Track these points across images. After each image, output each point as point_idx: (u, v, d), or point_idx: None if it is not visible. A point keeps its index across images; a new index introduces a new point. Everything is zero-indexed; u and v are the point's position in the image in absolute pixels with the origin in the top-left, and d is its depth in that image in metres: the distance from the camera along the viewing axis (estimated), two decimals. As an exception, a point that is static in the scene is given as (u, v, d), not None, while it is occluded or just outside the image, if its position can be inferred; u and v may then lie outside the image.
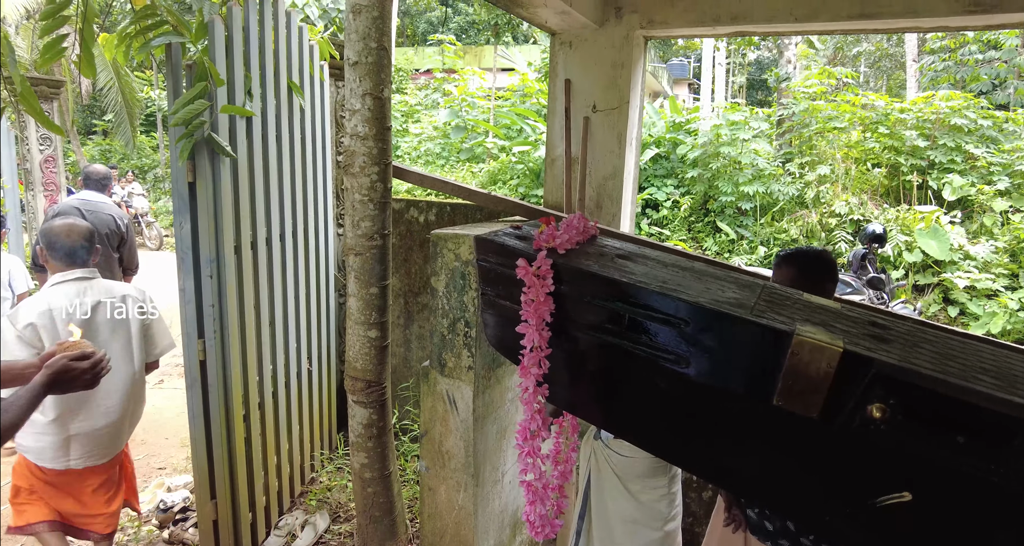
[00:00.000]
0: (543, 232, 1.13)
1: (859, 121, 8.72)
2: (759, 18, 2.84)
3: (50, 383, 1.61)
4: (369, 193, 2.53)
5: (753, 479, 1.16)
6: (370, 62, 2.45)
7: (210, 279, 2.49)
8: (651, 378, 1.09)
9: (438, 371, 2.40)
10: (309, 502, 3.23)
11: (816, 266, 1.79)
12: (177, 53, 2.43)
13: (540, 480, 1.21)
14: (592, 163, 3.11)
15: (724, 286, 1.12)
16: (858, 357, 0.93)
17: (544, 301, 1.06)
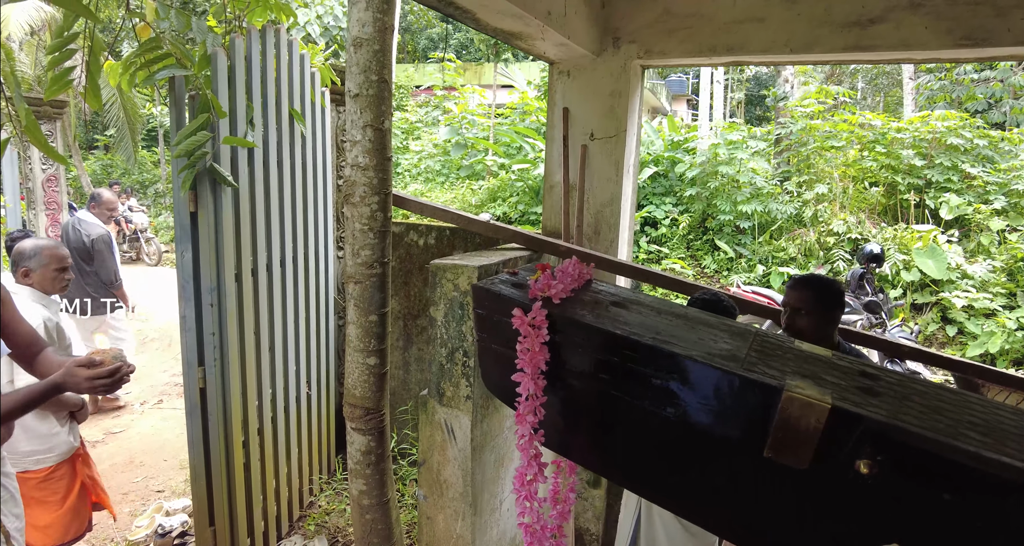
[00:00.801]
0: (538, 281, 1.15)
1: (856, 140, 8.78)
2: (755, 49, 2.88)
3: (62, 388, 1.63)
4: (369, 222, 2.56)
5: (743, 526, 1.17)
6: (371, 95, 2.48)
7: (211, 307, 2.51)
8: (645, 427, 1.11)
9: (436, 400, 2.41)
10: (307, 527, 3.22)
11: (831, 293, 1.95)
12: (180, 85, 2.47)
13: (538, 522, 1.22)
14: (590, 190, 3.15)
15: (717, 335, 1.14)
16: (847, 413, 0.95)
17: (539, 351, 1.08)
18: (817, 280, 2.00)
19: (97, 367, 1.62)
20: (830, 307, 1.94)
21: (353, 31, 2.47)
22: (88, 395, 2.81)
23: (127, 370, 1.67)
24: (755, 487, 1.09)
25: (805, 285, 1.97)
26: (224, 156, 2.57)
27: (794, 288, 1.97)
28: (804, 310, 1.92)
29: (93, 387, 1.60)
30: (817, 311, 1.92)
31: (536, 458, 1.19)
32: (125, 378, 1.67)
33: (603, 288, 1.26)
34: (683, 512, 1.23)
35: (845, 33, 2.75)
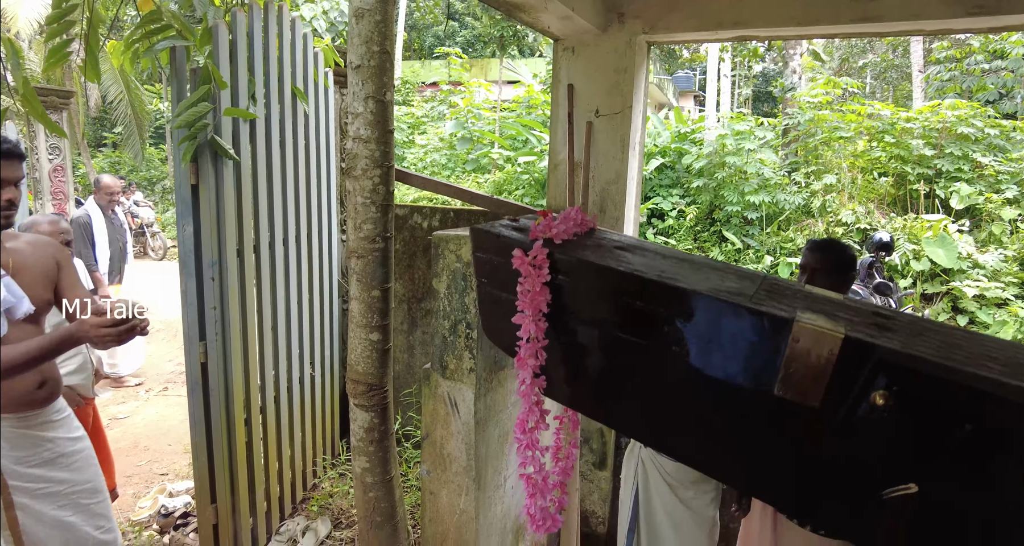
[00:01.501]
0: (540, 223, 1.12)
1: (865, 130, 8.70)
2: (760, 22, 2.84)
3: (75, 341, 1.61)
4: (371, 196, 2.53)
5: (750, 471, 1.13)
6: (372, 65, 2.46)
7: (212, 281, 2.49)
8: (650, 369, 1.08)
9: (439, 373, 2.38)
10: (311, 508, 3.20)
11: (848, 256, 2.01)
12: (181, 57, 2.45)
13: (540, 473, 1.19)
14: (595, 168, 3.11)
15: (724, 276, 1.11)
16: (860, 344, 0.91)
17: (540, 291, 1.05)
18: (835, 243, 2.06)
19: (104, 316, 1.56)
20: (847, 269, 1.99)
21: (355, 2, 2.45)
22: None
23: (137, 323, 1.60)
24: (764, 431, 1.06)
25: (824, 247, 2.02)
26: (226, 131, 2.55)
27: (812, 250, 2.01)
28: (822, 271, 1.95)
29: (101, 337, 1.55)
30: (835, 272, 1.95)
31: (538, 404, 1.16)
32: (136, 331, 1.60)
33: (607, 234, 1.23)
34: (688, 460, 1.20)
35: (853, 5, 2.70)
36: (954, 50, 10.58)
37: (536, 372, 1.13)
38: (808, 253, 2.02)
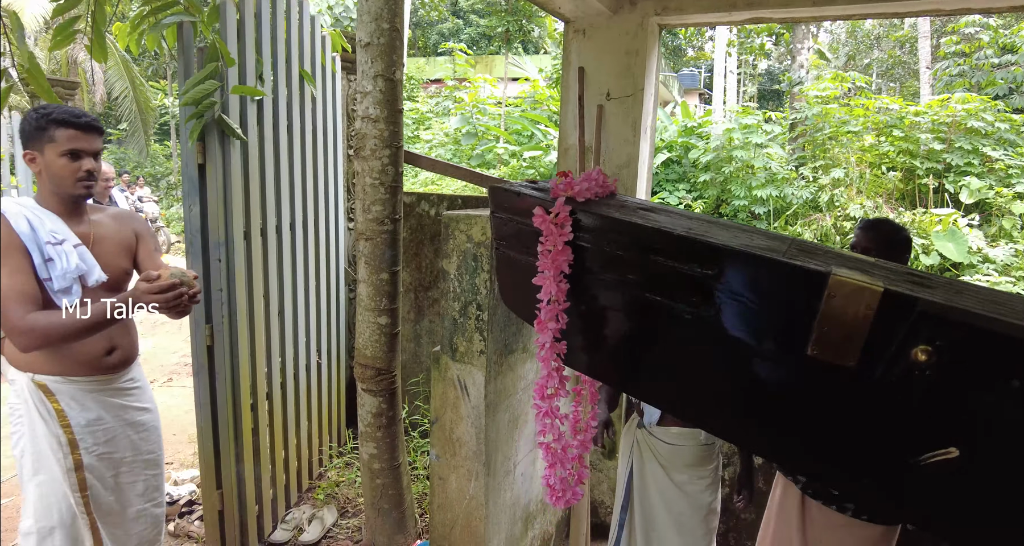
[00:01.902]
0: (561, 182, 1.08)
1: (873, 125, 8.64)
2: (775, 3, 2.79)
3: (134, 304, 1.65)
4: (380, 176, 2.50)
5: (780, 440, 1.09)
6: (382, 43, 2.42)
7: (219, 262, 2.46)
8: (678, 331, 1.04)
9: (449, 356, 2.34)
10: (317, 496, 3.17)
11: (902, 237, 1.90)
12: (188, 34, 2.42)
13: (559, 442, 1.15)
14: (606, 151, 3.07)
15: (752, 236, 1.07)
16: (901, 297, 0.87)
17: (562, 250, 1.01)
18: (889, 223, 1.97)
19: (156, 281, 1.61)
20: (900, 250, 1.90)
21: (364, -22, 2.42)
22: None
23: (187, 290, 1.65)
24: (798, 394, 1.02)
25: (876, 226, 1.95)
26: (233, 111, 2.52)
27: (865, 229, 1.94)
28: (875, 250, 1.87)
29: (152, 303, 1.61)
30: (889, 252, 1.87)
31: (558, 370, 1.12)
32: (185, 297, 1.65)
33: (628, 198, 1.19)
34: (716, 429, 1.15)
35: (871, -16, 2.65)
36: (963, 45, 10.49)
37: (556, 336, 1.09)
38: (860, 232, 1.95)
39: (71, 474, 1.82)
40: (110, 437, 1.88)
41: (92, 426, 1.84)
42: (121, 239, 1.95)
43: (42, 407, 1.78)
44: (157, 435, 2.05)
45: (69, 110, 1.79)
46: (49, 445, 1.79)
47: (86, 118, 1.81)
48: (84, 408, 1.83)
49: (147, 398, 2.02)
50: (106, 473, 1.89)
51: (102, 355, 1.84)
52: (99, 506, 1.88)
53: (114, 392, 1.89)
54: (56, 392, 1.78)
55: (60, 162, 1.76)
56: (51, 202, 1.82)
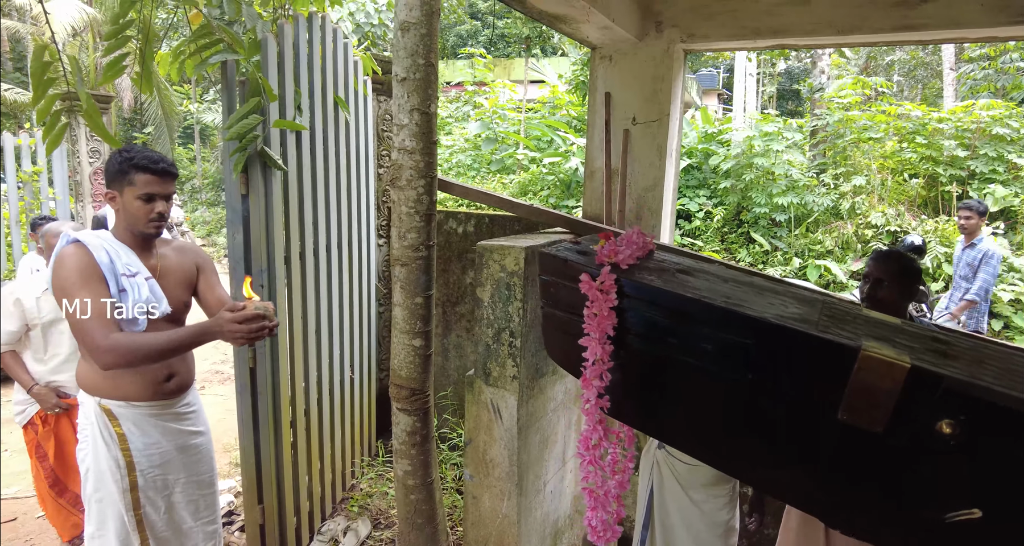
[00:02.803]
0: (604, 247, 1.16)
1: (895, 131, 8.59)
2: (799, 31, 2.84)
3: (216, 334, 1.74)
4: (415, 205, 2.59)
5: (810, 491, 1.16)
6: (418, 78, 2.51)
7: (261, 288, 2.56)
8: (712, 391, 1.12)
9: (483, 380, 2.44)
10: (350, 508, 3.28)
11: (914, 268, 2.03)
12: (232, 70, 2.52)
13: (602, 487, 1.23)
14: (632, 175, 3.14)
15: (785, 301, 1.14)
16: (927, 373, 0.94)
17: (607, 315, 1.09)
18: (901, 254, 2.08)
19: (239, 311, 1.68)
20: (911, 280, 2.00)
21: (401, 15, 2.51)
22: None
23: (270, 324, 1.73)
24: (826, 452, 1.09)
25: (889, 258, 2.04)
26: (273, 141, 2.62)
27: (878, 260, 2.03)
28: (887, 281, 1.97)
29: (234, 332, 1.68)
30: (899, 283, 1.97)
31: (601, 422, 1.20)
32: (266, 331, 1.73)
33: (667, 257, 1.26)
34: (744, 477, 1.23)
35: (893, 13, 2.70)
36: (988, 48, 10.38)
37: (600, 392, 1.17)
38: (873, 263, 2.03)
39: (126, 494, 1.94)
40: (165, 460, 2.00)
41: (149, 449, 1.96)
42: (183, 272, 2.08)
43: (106, 431, 1.90)
44: (210, 456, 2.16)
45: (148, 156, 1.91)
46: (109, 467, 1.92)
47: (163, 164, 1.94)
48: (143, 432, 1.95)
49: (201, 421, 2.13)
50: (159, 494, 2.01)
51: (162, 381, 1.97)
52: (151, 524, 2.00)
53: (172, 417, 2.01)
54: (119, 416, 1.91)
55: (136, 204, 1.89)
56: (125, 236, 1.95)
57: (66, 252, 1.81)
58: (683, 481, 2.21)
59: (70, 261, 1.79)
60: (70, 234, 1.87)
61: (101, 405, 1.90)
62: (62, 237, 1.87)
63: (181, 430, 2.04)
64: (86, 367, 1.92)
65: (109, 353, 1.71)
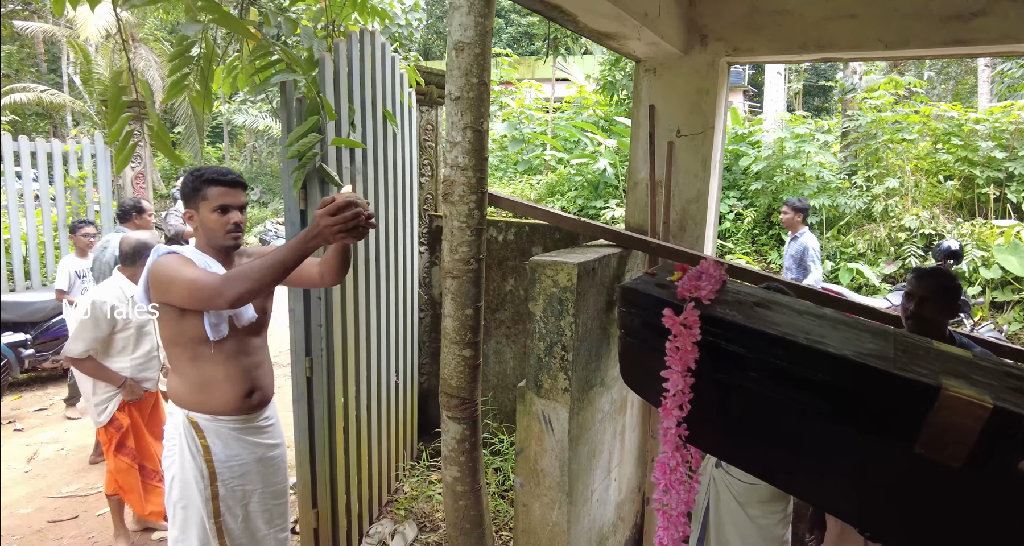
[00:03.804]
0: (684, 281, 1.21)
1: (930, 132, 8.48)
2: (846, 45, 2.85)
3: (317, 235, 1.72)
4: (467, 220, 2.66)
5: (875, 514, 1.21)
6: (471, 97, 2.57)
7: (319, 300, 2.65)
8: (792, 423, 1.16)
9: (534, 392, 2.50)
10: (396, 511, 3.37)
11: (957, 285, 2.08)
12: (290, 90, 2.61)
13: (676, 508, 1.29)
14: (676, 187, 3.17)
15: (860, 335, 1.18)
16: (1009, 413, 0.98)
17: (690, 350, 1.14)
18: (945, 272, 2.12)
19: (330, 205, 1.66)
20: (954, 298, 2.06)
21: (455, 35, 2.57)
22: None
23: (364, 210, 1.70)
24: (902, 484, 1.13)
25: (935, 276, 2.08)
26: (330, 156, 2.70)
27: (922, 279, 2.08)
28: (932, 300, 2.02)
29: (331, 227, 1.67)
30: (944, 301, 2.03)
31: (679, 449, 1.26)
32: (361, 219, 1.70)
33: (740, 288, 1.31)
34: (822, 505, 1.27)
35: (944, 27, 2.69)
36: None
37: (679, 421, 1.22)
38: (917, 281, 2.08)
39: (208, 503, 2.04)
40: (244, 471, 2.09)
41: (230, 461, 2.06)
42: None
43: (192, 442, 1.99)
44: (284, 468, 2.25)
45: (217, 170, 2.00)
46: (194, 476, 2.01)
47: (231, 176, 2.03)
48: (226, 445, 2.04)
49: (278, 434, 2.22)
50: (237, 503, 2.10)
51: (244, 396, 2.06)
52: (229, 532, 2.09)
53: (252, 430, 2.10)
54: (204, 429, 2.00)
55: (212, 216, 1.98)
56: (208, 252, 2.04)
57: (162, 259, 1.90)
58: (740, 498, 2.25)
59: (168, 260, 1.88)
60: (161, 248, 1.97)
61: (188, 417, 1.99)
62: (154, 251, 1.97)
63: (260, 443, 2.13)
64: (177, 381, 2.02)
65: (228, 285, 1.73)
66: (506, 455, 3.71)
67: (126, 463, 3.05)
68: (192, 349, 1.97)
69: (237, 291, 1.74)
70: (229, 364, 2.02)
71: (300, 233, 1.76)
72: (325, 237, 1.72)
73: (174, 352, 2.01)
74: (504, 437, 3.81)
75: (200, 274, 1.85)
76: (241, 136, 19.68)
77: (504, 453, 3.73)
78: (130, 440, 3.09)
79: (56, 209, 6.21)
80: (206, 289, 1.79)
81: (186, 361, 2.00)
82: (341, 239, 1.74)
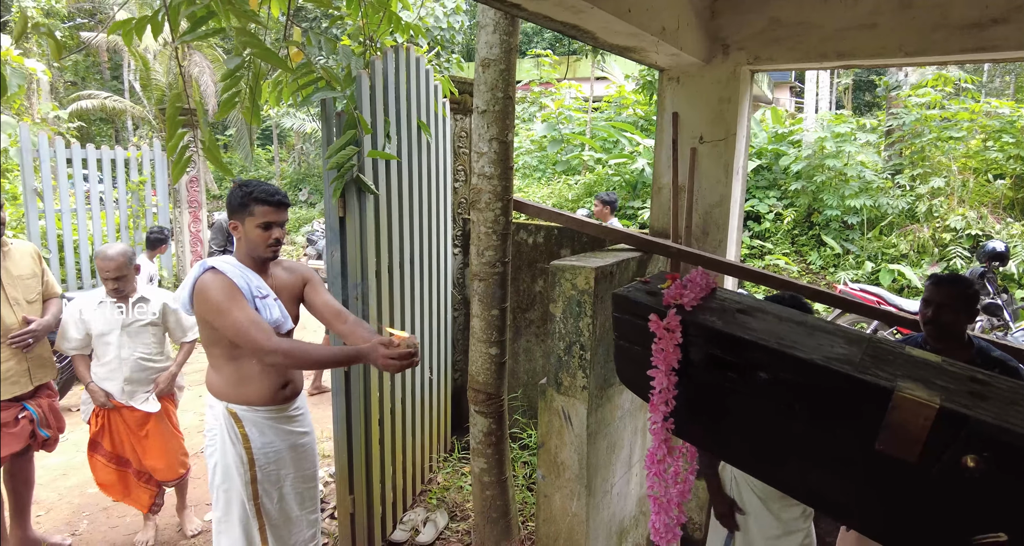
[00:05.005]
0: (671, 289, 1.34)
1: (979, 129, 8.26)
2: (866, 53, 2.90)
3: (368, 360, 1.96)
4: (493, 226, 2.82)
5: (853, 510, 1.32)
6: (497, 110, 2.73)
7: (356, 300, 2.85)
8: (764, 419, 1.28)
9: (555, 389, 2.64)
10: (429, 500, 3.55)
11: (975, 291, 2.11)
12: (330, 106, 2.80)
13: (665, 496, 1.42)
14: (698, 192, 3.26)
15: (833, 341, 1.29)
16: (954, 413, 1.09)
17: (673, 351, 1.27)
18: (962, 277, 2.16)
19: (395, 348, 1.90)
20: (970, 304, 2.09)
21: (482, 52, 2.73)
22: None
23: (416, 360, 1.94)
24: (866, 476, 1.24)
25: (953, 282, 2.12)
26: (367, 166, 2.89)
27: (940, 285, 2.12)
28: (951, 306, 2.06)
29: (388, 365, 1.90)
30: (963, 307, 2.07)
31: (666, 441, 1.38)
32: (414, 362, 1.93)
33: (727, 295, 1.43)
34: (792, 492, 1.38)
35: (963, 35, 2.72)
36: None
37: (666, 416, 1.35)
38: (935, 288, 2.12)
39: (248, 486, 2.25)
40: (279, 457, 2.29)
41: (266, 448, 2.26)
42: (292, 289, 2.36)
43: (232, 431, 2.21)
44: (314, 454, 2.46)
45: (265, 190, 2.20)
46: (234, 462, 2.22)
47: (278, 197, 2.23)
48: (262, 433, 2.25)
49: (307, 423, 2.43)
50: (273, 486, 2.31)
51: (279, 389, 2.26)
52: (267, 512, 2.30)
53: (285, 420, 2.31)
54: (243, 419, 2.21)
55: (256, 232, 2.19)
56: (247, 261, 2.24)
57: (206, 278, 2.10)
58: (761, 494, 2.34)
59: (214, 283, 2.08)
60: (205, 262, 2.18)
61: (228, 409, 2.21)
62: (197, 265, 2.18)
63: (292, 431, 2.33)
64: (216, 376, 2.24)
65: (274, 354, 1.97)
66: (534, 450, 3.86)
67: (100, 462, 3.18)
68: (229, 350, 2.18)
69: (274, 361, 2.02)
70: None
71: (352, 350, 2.01)
72: (376, 365, 1.96)
73: (213, 352, 2.22)
74: (532, 432, 3.96)
75: (249, 322, 2.02)
76: (290, 138, 20.30)
77: (532, 448, 3.88)
78: (105, 442, 3.16)
79: (119, 211, 6.63)
80: (251, 344, 2.00)
81: (224, 359, 2.21)
82: (389, 371, 1.96)
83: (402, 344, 1.91)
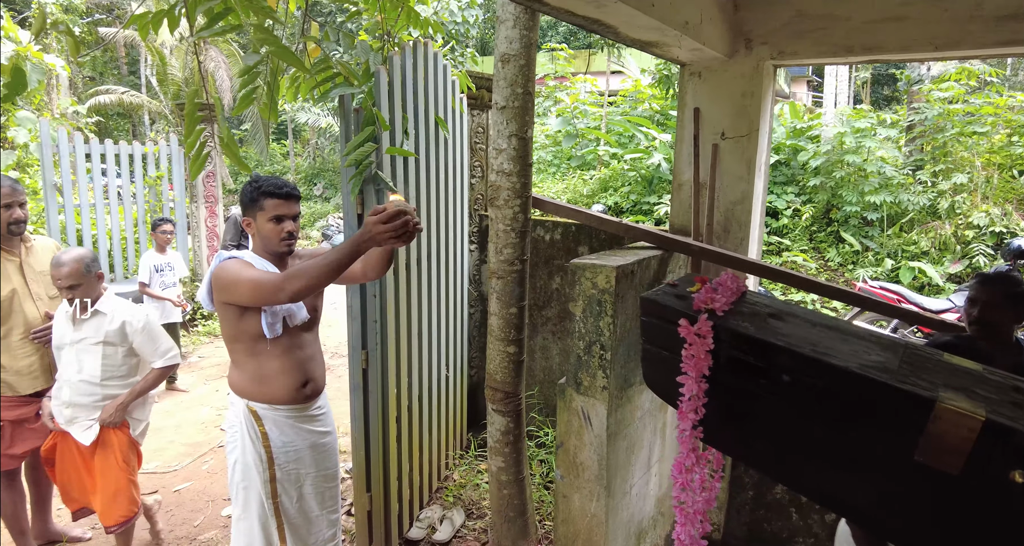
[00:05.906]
0: (701, 293, 1.30)
1: (1004, 124, 8.10)
2: (894, 47, 2.83)
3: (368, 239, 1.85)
4: (512, 223, 2.79)
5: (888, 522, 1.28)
6: (516, 106, 2.70)
7: (374, 298, 2.83)
8: (798, 428, 1.25)
9: (574, 389, 2.61)
10: (446, 498, 3.54)
11: (1021, 291, 2.06)
12: (348, 102, 2.78)
13: (692, 506, 1.38)
14: (720, 189, 3.21)
15: (868, 347, 1.25)
16: (1000, 427, 1.05)
17: (704, 357, 1.24)
18: (1007, 277, 2.11)
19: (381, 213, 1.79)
20: (1021, 302, 2.05)
21: (501, 48, 2.70)
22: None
23: (412, 219, 1.83)
24: (903, 487, 1.20)
25: (999, 281, 2.09)
26: (385, 162, 2.87)
27: (985, 284, 2.09)
28: (996, 305, 2.03)
29: (383, 233, 1.80)
30: (1011, 306, 2.03)
31: (695, 450, 1.35)
32: (411, 226, 1.83)
33: (757, 299, 1.39)
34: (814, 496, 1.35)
35: (998, 27, 2.65)
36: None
37: (695, 424, 1.32)
38: (978, 286, 2.09)
39: (267, 485, 2.24)
40: (298, 457, 2.29)
41: (285, 447, 2.26)
42: None
43: (252, 429, 2.20)
44: (335, 454, 2.45)
45: (274, 182, 2.19)
46: (253, 460, 2.22)
47: (287, 189, 2.22)
48: (282, 432, 2.24)
49: (329, 422, 2.42)
50: (293, 485, 2.31)
51: (299, 387, 2.25)
52: (286, 511, 2.30)
53: (305, 419, 2.30)
54: (263, 417, 2.20)
55: (268, 226, 2.19)
56: (264, 256, 2.24)
57: (225, 263, 2.10)
58: None
59: (229, 264, 2.09)
60: (223, 254, 2.17)
61: (249, 406, 2.20)
62: (216, 257, 2.18)
63: (313, 430, 2.32)
64: (237, 374, 2.23)
65: (289, 280, 1.91)
66: (551, 448, 3.84)
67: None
68: (250, 345, 2.17)
69: (296, 287, 1.92)
70: (284, 358, 2.22)
71: (353, 236, 1.92)
72: (376, 241, 1.86)
73: (235, 348, 2.22)
74: (549, 431, 3.94)
75: (261, 274, 2.06)
76: (305, 133, 20.36)
77: (549, 446, 3.86)
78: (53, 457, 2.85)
79: (136, 206, 6.67)
80: (268, 285, 1.98)
81: (245, 356, 2.20)
82: (390, 243, 1.88)
83: (389, 206, 1.79)
